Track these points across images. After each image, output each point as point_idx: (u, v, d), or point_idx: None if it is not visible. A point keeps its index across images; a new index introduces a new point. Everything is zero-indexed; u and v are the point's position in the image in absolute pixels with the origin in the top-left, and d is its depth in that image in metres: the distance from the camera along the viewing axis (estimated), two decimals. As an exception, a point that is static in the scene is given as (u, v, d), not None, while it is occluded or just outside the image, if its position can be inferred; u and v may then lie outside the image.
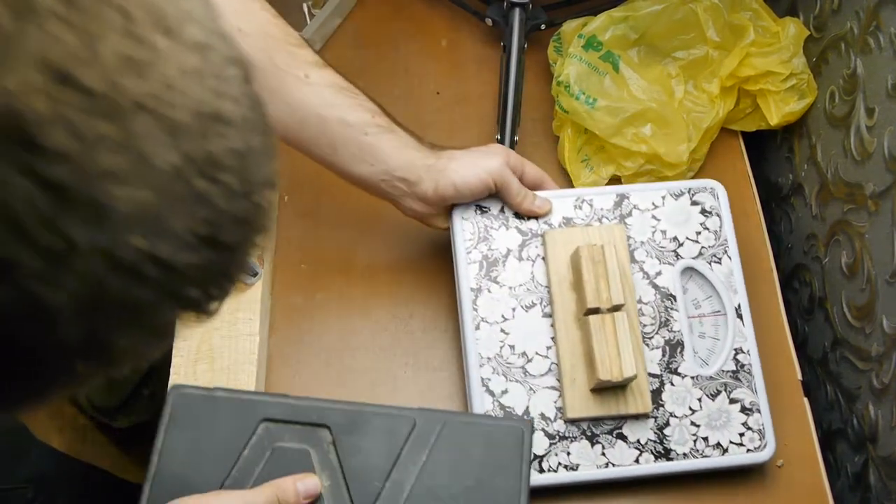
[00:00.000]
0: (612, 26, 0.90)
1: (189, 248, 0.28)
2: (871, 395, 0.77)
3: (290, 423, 0.62)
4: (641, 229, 0.77)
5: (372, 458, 0.62)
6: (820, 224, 0.87)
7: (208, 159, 0.28)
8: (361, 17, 1.04)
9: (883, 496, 0.75)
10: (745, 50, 0.88)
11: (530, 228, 0.77)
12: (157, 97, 0.27)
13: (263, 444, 0.62)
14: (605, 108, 0.87)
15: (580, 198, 0.79)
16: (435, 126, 0.96)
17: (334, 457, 0.62)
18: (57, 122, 0.25)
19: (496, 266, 0.76)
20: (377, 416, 0.63)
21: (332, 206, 0.90)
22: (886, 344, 0.74)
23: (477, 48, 1.01)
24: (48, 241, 0.25)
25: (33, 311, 0.26)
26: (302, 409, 0.63)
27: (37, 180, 0.25)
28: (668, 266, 0.76)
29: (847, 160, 0.82)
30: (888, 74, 0.74)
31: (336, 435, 0.62)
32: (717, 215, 0.78)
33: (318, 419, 0.63)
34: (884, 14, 0.75)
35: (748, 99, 0.91)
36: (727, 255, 0.77)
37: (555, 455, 0.71)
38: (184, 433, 0.62)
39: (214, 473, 0.60)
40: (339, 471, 0.61)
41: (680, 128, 0.87)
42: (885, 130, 0.75)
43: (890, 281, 0.74)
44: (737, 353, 0.74)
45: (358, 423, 0.63)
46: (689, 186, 0.79)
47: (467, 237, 0.76)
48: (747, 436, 0.72)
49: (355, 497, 0.61)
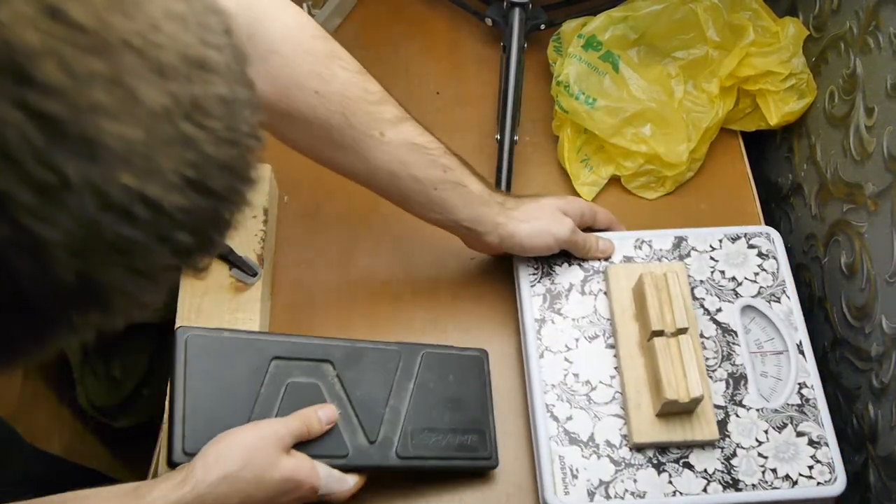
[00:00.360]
0: (611, 26, 0.90)
1: (177, 190, 0.29)
2: (870, 395, 0.77)
3: (297, 359, 0.69)
4: (700, 269, 0.80)
5: (371, 388, 0.71)
6: (819, 224, 0.87)
7: (194, 103, 0.29)
8: (361, 17, 1.04)
9: (883, 496, 0.76)
10: (745, 50, 0.88)
11: (592, 266, 0.80)
12: (144, 37, 0.28)
13: (277, 381, 0.68)
14: (604, 108, 0.87)
15: (640, 239, 0.81)
16: (435, 126, 0.95)
17: (340, 389, 0.70)
18: (48, 56, 0.25)
19: (559, 299, 0.78)
20: (369, 351, 0.72)
21: (332, 206, 0.90)
22: (886, 344, 0.74)
23: (477, 48, 1.01)
24: (41, 175, 0.26)
25: (28, 247, 0.26)
26: (306, 346, 0.70)
27: (30, 113, 0.25)
28: (728, 304, 0.78)
29: (846, 160, 0.82)
30: (887, 74, 0.74)
31: (339, 369, 0.70)
32: (773, 258, 0.81)
33: (322, 355, 0.70)
34: (883, 14, 0.75)
35: (748, 99, 0.91)
36: (786, 295, 0.79)
37: (621, 482, 0.71)
38: (203, 373, 0.66)
39: (239, 409, 0.66)
40: (346, 401, 0.69)
41: (679, 128, 0.87)
42: (885, 130, 0.75)
43: (889, 281, 0.74)
44: (801, 387, 0.75)
45: (355, 357, 0.71)
46: (745, 231, 0.82)
47: (531, 272, 0.80)
48: (816, 469, 0.71)
49: (364, 423, 0.69)
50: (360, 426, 0.69)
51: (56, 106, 0.25)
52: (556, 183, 0.92)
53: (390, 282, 0.86)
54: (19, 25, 0.25)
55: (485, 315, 0.84)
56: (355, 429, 0.69)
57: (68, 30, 0.26)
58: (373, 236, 0.88)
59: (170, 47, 0.28)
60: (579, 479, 0.71)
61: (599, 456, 0.71)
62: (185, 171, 0.29)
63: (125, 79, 0.27)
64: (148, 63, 0.27)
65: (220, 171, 0.31)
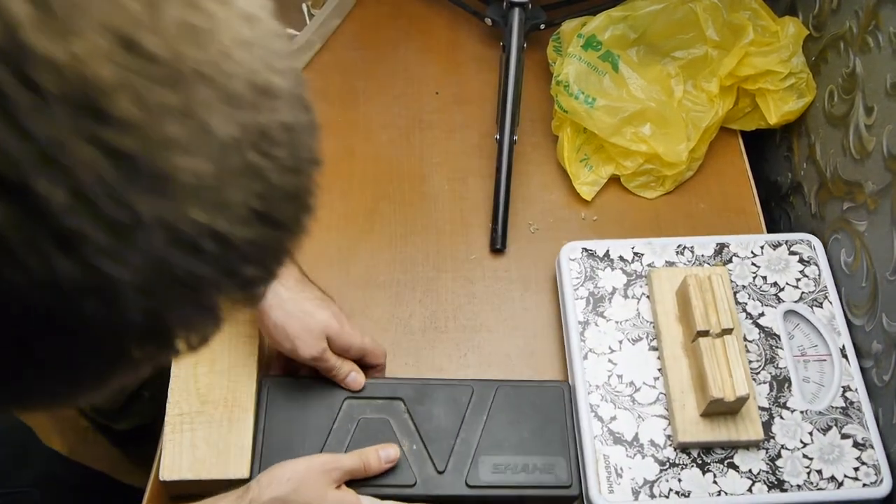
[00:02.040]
0: (611, 26, 0.90)
1: (245, 223, 0.28)
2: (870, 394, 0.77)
3: (369, 398, 0.74)
4: (742, 274, 0.80)
5: (442, 421, 0.73)
6: (819, 222, 0.88)
7: (261, 132, 0.28)
8: (361, 17, 1.04)
9: (883, 494, 0.76)
10: (745, 49, 0.88)
11: (635, 270, 0.81)
12: (216, 66, 0.27)
13: (350, 417, 0.73)
14: (604, 108, 0.87)
15: (681, 245, 0.82)
16: (435, 126, 0.96)
17: (411, 423, 0.73)
18: (123, 90, 0.25)
19: (602, 302, 0.79)
20: (440, 387, 0.75)
21: (332, 207, 0.90)
22: (886, 342, 0.74)
23: (477, 48, 1.01)
24: (115, 214, 0.25)
25: (97, 287, 0.26)
26: (377, 386, 0.74)
27: (105, 150, 0.24)
28: (771, 308, 0.78)
29: (846, 159, 0.82)
30: (887, 73, 0.74)
31: (409, 405, 0.73)
32: (815, 264, 0.81)
33: (393, 393, 0.74)
34: (883, 13, 0.75)
35: (747, 98, 0.91)
36: (828, 301, 0.79)
37: (665, 481, 0.71)
38: (280, 413, 0.73)
39: (312, 443, 0.71)
40: (416, 435, 0.72)
41: (679, 127, 0.87)
42: (884, 129, 0.75)
43: (889, 279, 0.74)
44: (845, 390, 0.75)
45: (425, 394, 0.74)
46: (787, 239, 0.83)
47: (574, 275, 0.81)
48: (862, 470, 0.71)
49: (434, 454, 0.72)
50: (428, 457, 0.72)
51: (130, 141, 0.25)
52: (556, 182, 0.92)
53: (390, 282, 0.86)
54: (95, 59, 0.24)
55: (484, 314, 0.84)
56: (424, 460, 0.72)
57: (143, 62, 0.25)
58: (373, 237, 0.88)
59: (239, 75, 0.27)
60: (624, 478, 0.71)
61: (644, 455, 0.72)
62: (253, 202, 0.28)
63: (197, 111, 0.26)
64: (218, 93, 0.27)
65: (285, 200, 0.30)
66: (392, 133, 0.95)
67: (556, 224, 0.89)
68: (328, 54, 1.01)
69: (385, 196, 0.91)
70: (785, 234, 0.83)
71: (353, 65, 1.00)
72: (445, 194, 0.91)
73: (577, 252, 0.82)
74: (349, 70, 1.00)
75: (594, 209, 0.90)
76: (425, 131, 0.96)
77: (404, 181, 0.92)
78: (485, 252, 0.87)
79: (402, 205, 0.91)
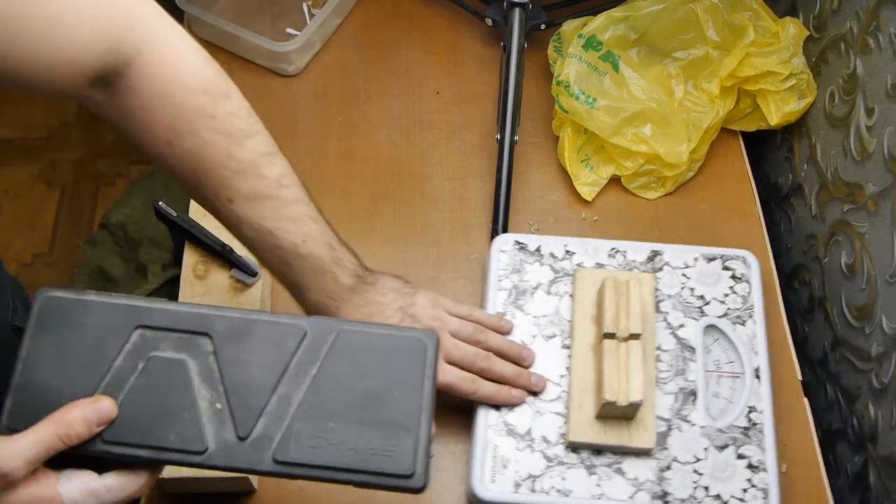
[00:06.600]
0: (611, 26, 0.90)
1: None
2: (870, 395, 0.77)
3: (168, 330, 0.56)
4: (670, 284, 0.80)
5: (256, 370, 0.56)
6: (820, 224, 0.87)
7: None
8: (361, 17, 1.04)
9: (883, 496, 0.75)
10: (745, 50, 0.88)
11: (563, 268, 0.80)
12: None
13: (138, 353, 0.56)
14: (604, 108, 0.87)
15: (615, 248, 0.82)
16: (435, 126, 0.96)
17: (216, 369, 0.56)
18: None
19: (524, 296, 0.79)
20: (265, 325, 0.57)
21: (332, 207, 0.90)
22: (886, 344, 0.74)
23: (477, 48, 1.01)
24: None
25: None
26: (182, 315, 0.57)
27: None
28: (692, 321, 0.78)
29: (847, 160, 0.82)
30: (888, 74, 0.74)
31: (218, 344, 0.56)
32: (746, 282, 0.80)
33: (199, 327, 0.56)
34: (884, 14, 0.75)
35: (748, 99, 0.91)
36: (752, 319, 0.79)
37: (549, 477, 0.71)
38: (51, 339, 0.55)
39: (83, 383, 0.55)
40: (220, 385, 0.55)
41: (680, 128, 0.87)
42: (885, 130, 0.75)
43: (889, 281, 0.74)
44: (751, 410, 0.74)
45: (243, 332, 0.57)
46: (723, 253, 0.82)
47: (501, 267, 0.81)
48: (750, 493, 0.71)
49: (236, 412, 0.55)
50: (230, 416, 0.55)
51: None
52: (557, 183, 0.92)
53: (390, 282, 0.86)
54: None
55: (485, 315, 0.84)
56: (223, 419, 0.55)
57: None
58: (373, 237, 0.88)
59: None
60: (508, 469, 0.71)
61: (533, 450, 0.72)
62: None
63: None
64: None
65: None
66: (392, 133, 0.95)
67: (556, 224, 0.89)
68: (328, 54, 1.01)
69: (385, 196, 0.91)
70: (723, 248, 0.82)
71: (353, 65, 1.00)
72: (446, 194, 0.91)
73: (510, 244, 0.82)
74: (349, 70, 1.00)
75: (595, 210, 0.90)
76: (426, 131, 0.96)
77: (404, 181, 0.92)
78: (485, 252, 0.87)
79: (403, 205, 0.91)
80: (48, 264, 1.67)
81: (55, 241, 1.70)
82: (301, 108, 0.97)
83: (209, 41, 1.01)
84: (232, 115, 0.64)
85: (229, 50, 1.00)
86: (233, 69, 0.99)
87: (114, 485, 0.53)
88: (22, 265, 1.66)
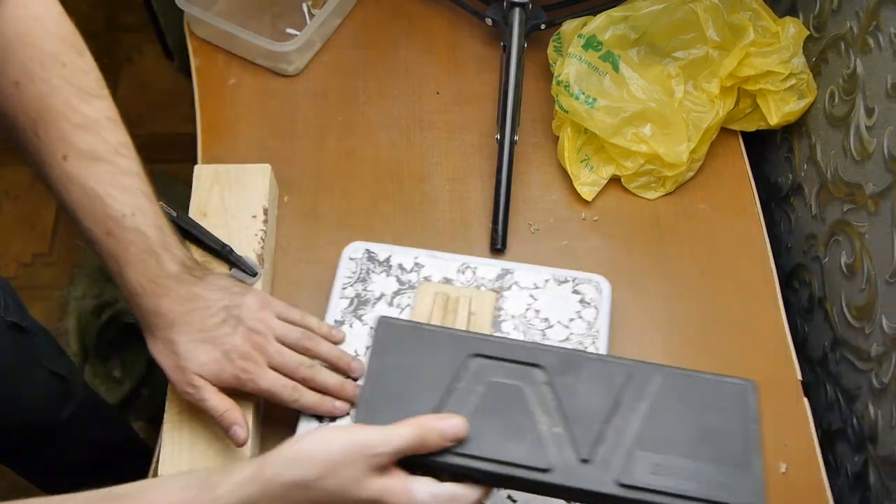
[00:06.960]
0: (611, 26, 0.90)
1: None
2: (870, 395, 0.77)
3: (501, 360, 0.63)
4: (516, 304, 0.79)
5: (590, 400, 0.61)
6: (819, 224, 0.87)
7: None
8: (361, 17, 1.04)
9: (883, 496, 0.75)
10: (745, 50, 0.88)
11: (409, 280, 0.80)
12: None
13: (477, 378, 0.62)
14: (604, 108, 0.87)
15: (465, 264, 0.81)
16: (435, 126, 0.96)
17: (551, 395, 0.61)
18: None
19: (365, 306, 0.79)
20: (590, 362, 0.63)
21: (332, 206, 0.90)
22: (886, 344, 0.74)
23: (477, 48, 1.01)
24: None
25: None
26: (513, 347, 0.64)
27: None
28: None
29: (847, 160, 0.82)
30: (888, 74, 0.74)
31: (551, 375, 0.62)
32: (594, 307, 0.79)
33: (530, 359, 0.63)
34: (884, 14, 0.75)
35: (748, 99, 0.91)
36: (594, 346, 0.77)
37: None
38: (392, 359, 0.63)
39: (427, 398, 0.61)
40: (557, 412, 0.61)
41: (680, 128, 0.87)
42: (885, 130, 0.75)
43: (889, 281, 0.74)
44: None
45: (573, 366, 0.62)
46: (575, 276, 0.80)
47: (347, 275, 0.81)
48: None
49: (576, 436, 0.60)
50: (569, 440, 0.59)
51: None
52: (557, 183, 0.92)
53: (390, 282, 0.86)
54: None
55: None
56: (563, 443, 0.59)
57: None
58: (373, 236, 0.88)
59: None
60: None
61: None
62: None
63: None
64: None
65: None
66: (392, 133, 0.95)
67: (556, 224, 0.89)
68: (328, 54, 1.01)
69: (385, 196, 0.91)
70: (577, 272, 0.80)
71: (353, 65, 1.00)
72: (445, 194, 0.91)
73: (360, 252, 0.82)
74: (349, 70, 1.00)
75: (595, 210, 0.90)
76: (426, 131, 0.96)
77: (404, 181, 0.92)
78: (485, 252, 0.87)
79: (402, 205, 0.91)
80: (48, 264, 1.67)
81: (55, 241, 1.70)
82: (301, 108, 0.97)
83: (209, 41, 1.01)
84: (83, 72, 0.65)
85: (229, 50, 1.00)
86: (233, 69, 1.00)
87: (458, 493, 0.57)
88: (22, 265, 1.66)
